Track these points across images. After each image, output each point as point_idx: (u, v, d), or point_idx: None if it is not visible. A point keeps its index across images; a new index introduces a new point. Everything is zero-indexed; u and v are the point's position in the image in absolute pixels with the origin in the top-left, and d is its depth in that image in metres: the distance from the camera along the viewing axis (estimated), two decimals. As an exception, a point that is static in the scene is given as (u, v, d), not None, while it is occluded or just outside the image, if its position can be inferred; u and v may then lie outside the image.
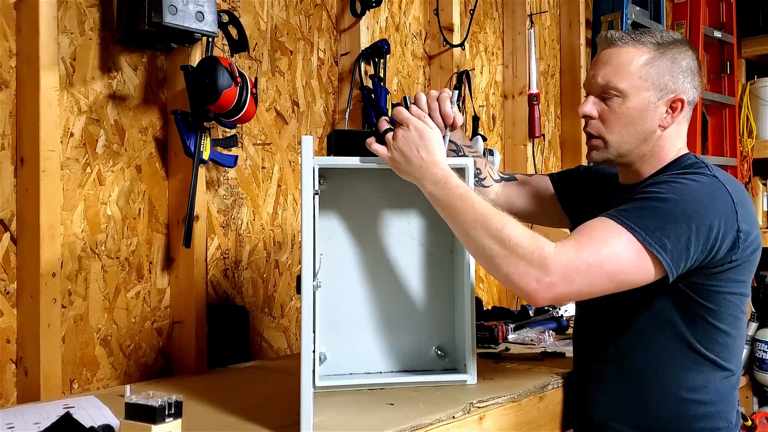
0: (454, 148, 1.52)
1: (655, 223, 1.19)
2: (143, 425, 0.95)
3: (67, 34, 1.53)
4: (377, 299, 1.46)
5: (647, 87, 1.33)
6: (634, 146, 1.36)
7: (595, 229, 1.21)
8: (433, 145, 1.28)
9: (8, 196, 1.45)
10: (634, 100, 1.33)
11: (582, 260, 1.17)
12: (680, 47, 1.36)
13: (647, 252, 1.19)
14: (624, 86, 1.33)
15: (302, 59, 2.06)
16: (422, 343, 1.48)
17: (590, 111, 1.38)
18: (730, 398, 1.34)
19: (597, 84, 1.37)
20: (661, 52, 1.34)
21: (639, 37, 1.35)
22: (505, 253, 1.18)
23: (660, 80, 1.33)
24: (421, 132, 1.28)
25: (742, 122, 3.96)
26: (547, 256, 1.16)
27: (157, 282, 1.69)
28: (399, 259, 1.47)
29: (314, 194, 1.22)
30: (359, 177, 1.45)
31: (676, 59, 1.34)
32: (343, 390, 1.38)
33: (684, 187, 1.25)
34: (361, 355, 1.45)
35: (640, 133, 1.35)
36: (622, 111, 1.34)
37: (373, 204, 1.47)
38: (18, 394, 1.44)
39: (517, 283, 1.18)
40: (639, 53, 1.34)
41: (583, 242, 1.19)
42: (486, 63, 2.84)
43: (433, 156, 1.28)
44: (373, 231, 1.47)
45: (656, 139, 1.36)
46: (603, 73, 1.35)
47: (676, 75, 1.34)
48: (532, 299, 1.19)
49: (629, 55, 1.34)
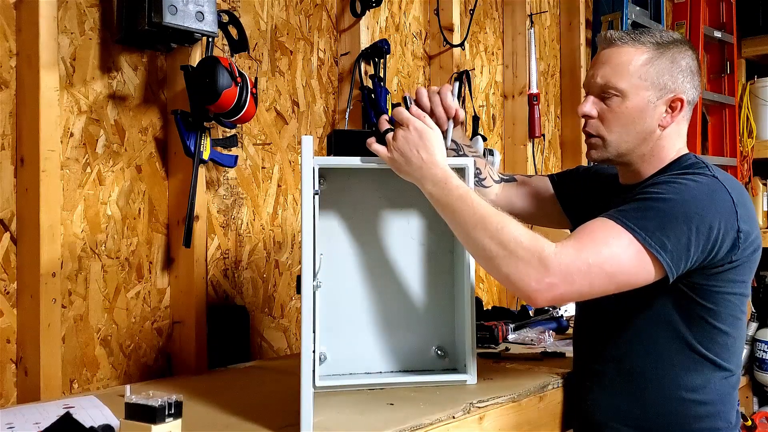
0: (455, 147, 1.52)
1: (655, 224, 1.19)
2: (143, 425, 0.94)
3: (67, 34, 1.53)
4: (377, 299, 1.46)
5: (646, 86, 1.33)
6: (634, 146, 1.36)
7: (596, 230, 1.21)
8: (433, 146, 1.28)
9: (8, 196, 1.45)
10: (634, 100, 1.33)
11: (582, 261, 1.17)
12: (680, 47, 1.36)
13: (647, 253, 1.19)
14: (623, 86, 1.33)
15: (302, 59, 2.06)
16: (422, 343, 1.48)
17: (590, 110, 1.38)
18: (729, 398, 1.34)
19: (596, 84, 1.37)
20: (660, 52, 1.34)
21: (638, 37, 1.35)
22: (504, 254, 1.18)
23: (659, 80, 1.33)
24: (421, 132, 1.28)
25: (742, 122, 3.96)
26: (547, 257, 1.16)
27: (157, 282, 1.69)
28: (399, 259, 1.47)
29: (314, 194, 1.22)
30: (359, 177, 1.45)
31: (675, 59, 1.34)
32: (343, 390, 1.38)
33: (684, 188, 1.24)
34: (361, 355, 1.45)
35: (639, 132, 1.35)
36: (621, 110, 1.34)
37: (373, 204, 1.47)
38: (18, 394, 1.44)
39: (516, 283, 1.18)
40: (638, 53, 1.33)
41: (583, 243, 1.19)
42: (486, 63, 2.84)
43: (433, 156, 1.27)
44: (373, 231, 1.47)
45: (656, 138, 1.36)
46: (602, 73, 1.35)
47: (675, 75, 1.34)
48: (532, 300, 1.19)
49: (628, 55, 1.34)
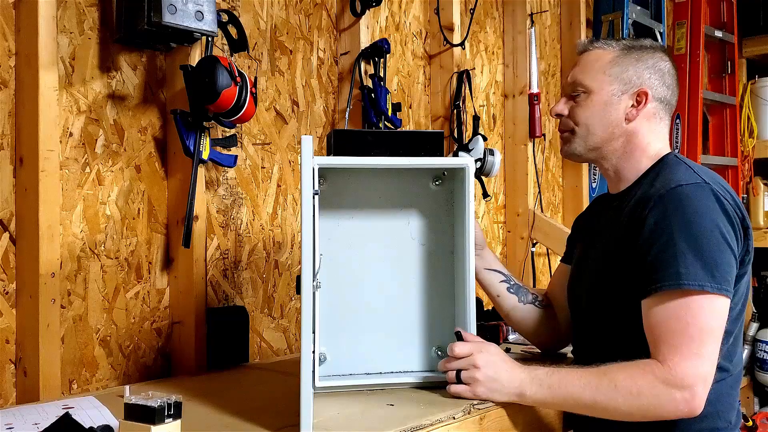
0: (504, 279, 1.61)
1: (699, 266, 1.21)
2: (142, 426, 0.94)
3: (66, 33, 1.53)
4: (377, 299, 1.46)
5: (610, 81, 1.41)
6: (602, 139, 1.43)
7: (672, 320, 1.22)
8: (502, 358, 1.32)
9: (7, 196, 1.44)
10: (599, 94, 1.42)
11: (699, 360, 1.19)
12: (651, 51, 1.44)
13: (715, 295, 1.22)
14: (588, 82, 1.42)
15: (302, 59, 2.06)
16: (422, 343, 1.47)
17: (561, 109, 1.47)
18: (729, 398, 1.34)
19: (567, 84, 1.47)
20: (626, 52, 1.43)
21: (609, 42, 1.46)
22: (636, 402, 1.20)
23: (623, 75, 1.41)
24: (486, 353, 1.31)
25: (743, 122, 3.96)
26: (669, 380, 1.19)
27: (157, 282, 1.69)
28: (399, 259, 1.47)
29: (314, 194, 1.22)
30: (359, 177, 1.45)
31: (642, 58, 1.42)
32: (343, 390, 1.38)
33: (688, 208, 1.25)
34: (361, 355, 1.44)
35: (606, 124, 1.42)
36: (587, 104, 1.42)
37: (373, 204, 1.47)
38: (17, 395, 1.44)
39: (664, 416, 1.21)
40: (605, 53, 1.44)
41: (681, 346, 1.20)
42: (486, 62, 2.84)
43: (510, 364, 1.31)
44: (373, 231, 1.46)
45: (626, 133, 1.42)
46: (572, 73, 1.46)
47: (641, 71, 1.41)
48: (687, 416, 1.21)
49: (596, 55, 1.44)
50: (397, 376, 1.43)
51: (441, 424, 1.19)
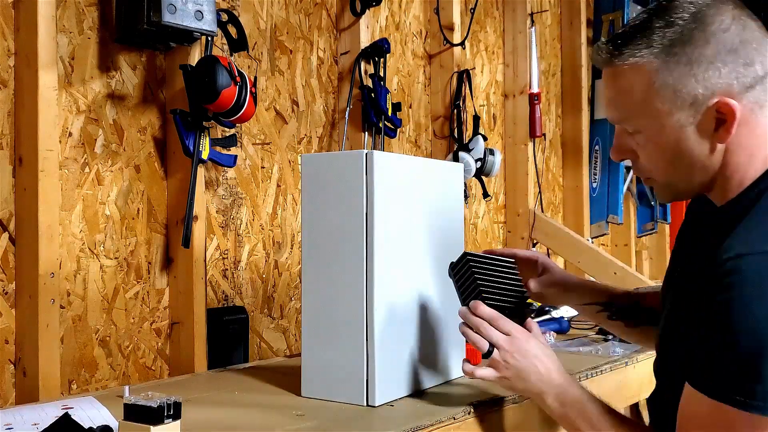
0: (602, 308, 1.39)
1: (737, 376, 0.90)
2: (142, 426, 0.94)
3: (65, 33, 1.53)
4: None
5: (669, 109, 0.98)
6: (692, 178, 1.04)
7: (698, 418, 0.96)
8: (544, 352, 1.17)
9: (7, 196, 1.44)
10: (661, 133, 1.00)
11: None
12: (697, 23, 0.97)
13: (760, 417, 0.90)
14: (636, 119, 1.02)
15: (302, 58, 2.06)
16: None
17: (619, 156, 1.09)
18: None
19: (611, 119, 1.09)
20: (670, 57, 0.97)
21: (638, 43, 0.99)
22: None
23: (683, 90, 0.97)
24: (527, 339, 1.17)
25: None
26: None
27: (156, 282, 1.69)
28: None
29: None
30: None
31: (695, 49, 0.96)
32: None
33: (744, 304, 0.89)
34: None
35: (687, 165, 1.02)
36: (651, 150, 1.03)
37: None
38: (17, 395, 1.44)
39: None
40: (640, 72, 0.99)
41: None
42: (486, 62, 2.83)
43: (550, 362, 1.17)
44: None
45: (720, 158, 1.01)
46: (609, 107, 1.07)
47: (702, 74, 0.96)
48: None
49: (628, 79, 1.00)
50: None
51: (441, 425, 1.18)
